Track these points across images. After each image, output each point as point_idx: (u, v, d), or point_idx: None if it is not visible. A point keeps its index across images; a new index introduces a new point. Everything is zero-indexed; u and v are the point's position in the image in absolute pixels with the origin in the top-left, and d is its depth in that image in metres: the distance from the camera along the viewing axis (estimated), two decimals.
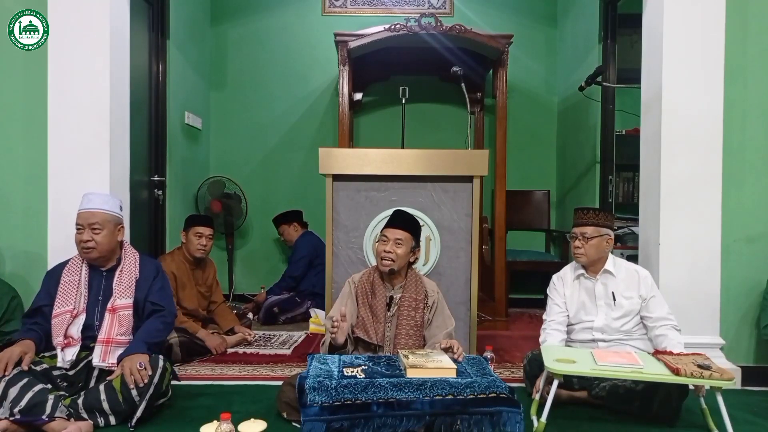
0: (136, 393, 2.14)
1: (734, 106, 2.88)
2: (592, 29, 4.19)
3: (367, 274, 2.52)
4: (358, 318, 2.45)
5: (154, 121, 3.86)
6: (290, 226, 4.49)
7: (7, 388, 2.03)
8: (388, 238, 2.43)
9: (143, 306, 2.41)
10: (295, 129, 4.95)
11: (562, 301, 2.58)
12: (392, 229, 2.44)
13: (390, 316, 2.44)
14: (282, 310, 4.09)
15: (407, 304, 2.43)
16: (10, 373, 2.08)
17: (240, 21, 4.92)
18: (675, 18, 2.83)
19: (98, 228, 2.36)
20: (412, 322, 2.43)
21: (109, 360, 2.27)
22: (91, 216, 2.37)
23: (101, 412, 2.13)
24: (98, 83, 2.80)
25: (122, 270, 2.42)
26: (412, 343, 2.40)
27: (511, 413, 1.97)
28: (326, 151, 2.86)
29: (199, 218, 3.61)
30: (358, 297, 2.48)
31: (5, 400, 2.02)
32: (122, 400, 2.14)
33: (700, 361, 2.13)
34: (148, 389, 2.16)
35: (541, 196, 4.82)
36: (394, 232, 2.43)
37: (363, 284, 2.49)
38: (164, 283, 2.53)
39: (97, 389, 2.16)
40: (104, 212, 2.40)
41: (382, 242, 2.45)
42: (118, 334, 2.32)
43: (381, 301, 2.44)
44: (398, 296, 2.46)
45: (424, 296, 2.47)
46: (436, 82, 4.80)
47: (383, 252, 2.42)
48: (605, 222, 2.52)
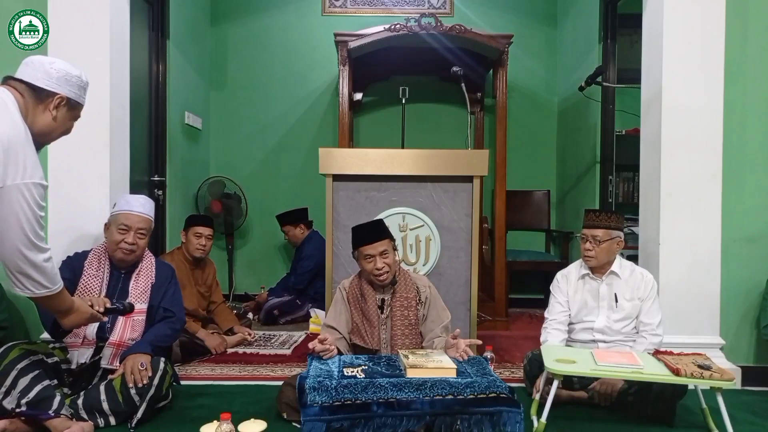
0: (135, 393, 2.14)
1: (734, 106, 2.88)
2: (592, 29, 4.19)
3: (356, 280, 2.48)
4: (352, 324, 2.43)
5: (154, 121, 3.86)
6: (296, 227, 4.40)
7: (17, 378, 2.00)
8: (373, 254, 2.33)
9: (156, 312, 2.44)
10: (295, 129, 4.95)
11: (564, 300, 2.58)
12: (371, 245, 2.33)
13: (384, 319, 2.41)
14: (282, 313, 4.08)
15: (399, 304, 2.41)
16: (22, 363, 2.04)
17: (240, 21, 4.92)
18: (675, 18, 2.83)
19: (143, 233, 2.41)
20: (407, 321, 2.40)
21: (116, 363, 2.28)
22: (141, 221, 2.41)
23: (101, 412, 2.12)
24: (98, 83, 2.79)
25: (139, 273, 2.44)
26: (409, 342, 2.39)
27: (511, 413, 1.97)
28: (326, 151, 2.86)
29: (198, 218, 3.60)
30: (350, 303, 2.45)
31: (14, 389, 1.98)
32: (122, 401, 2.14)
33: (700, 361, 2.13)
34: (148, 391, 2.15)
35: (541, 196, 4.82)
36: (375, 247, 2.33)
37: (353, 290, 2.45)
38: (176, 289, 2.56)
39: (98, 389, 2.16)
40: (150, 219, 2.47)
41: (367, 261, 2.34)
42: (129, 339, 2.33)
43: (372, 306, 2.41)
44: (389, 297, 2.42)
45: (416, 293, 2.44)
46: (436, 82, 4.80)
47: (375, 270, 2.33)
48: (616, 224, 2.51)
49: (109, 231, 2.42)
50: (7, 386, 1.99)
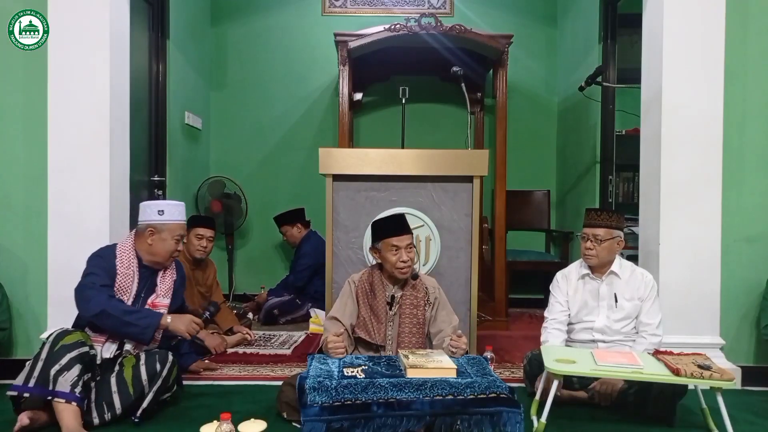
0: (146, 380, 2.21)
1: (734, 106, 2.88)
2: (592, 29, 4.19)
3: (366, 275, 2.51)
4: (359, 318, 2.45)
5: (154, 121, 3.86)
6: (293, 227, 4.43)
7: (63, 352, 2.06)
8: (399, 246, 2.39)
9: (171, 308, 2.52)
10: (295, 129, 4.95)
11: (564, 300, 2.58)
12: (400, 237, 2.40)
13: (392, 315, 2.43)
14: (282, 313, 4.08)
15: (409, 302, 2.44)
16: (75, 351, 2.09)
17: (240, 21, 4.92)
18: (675, 18, 2.83)
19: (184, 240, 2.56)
20: (415, 320, 2.43)
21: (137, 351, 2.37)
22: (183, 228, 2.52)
23: (110, 405, 2.17)
24: (98, 83, 2.80)
25: (166, 271, 2.51)
26: (415, 341, 2.41)
27: (511, 413, 1.97)
28: (326, 151, 2.86)
29: (200, 219, 3.60)
30: (358, 297, 2.47)
31: (67, 371, 2.04)
32: (132, 392, 2.19)
33: (700, 361, 2.13)
34: (158, 380, 2.23)
35: (541, 196, 4.82)
36: (402, 240, 2.39)
37: (363, 284, 2.48)
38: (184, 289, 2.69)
39: (108, 381, 2.20)
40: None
41: (392, 253, 2.39)
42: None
43: (381, 301, 2.44)
44: (399, 295, 2.46)
45: (425, 293, 2.47)
46: (436, 82, 4.80)
47: (400, 262, 2.38)
48: (617, 224, 2.51)
49: (160, 238, 2.42)
50: (62, 366, 2.05)
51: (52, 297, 2.79)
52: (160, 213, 2.44)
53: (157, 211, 2.44)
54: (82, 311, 2.28)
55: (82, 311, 2.29)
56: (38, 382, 2.06)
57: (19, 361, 2.78)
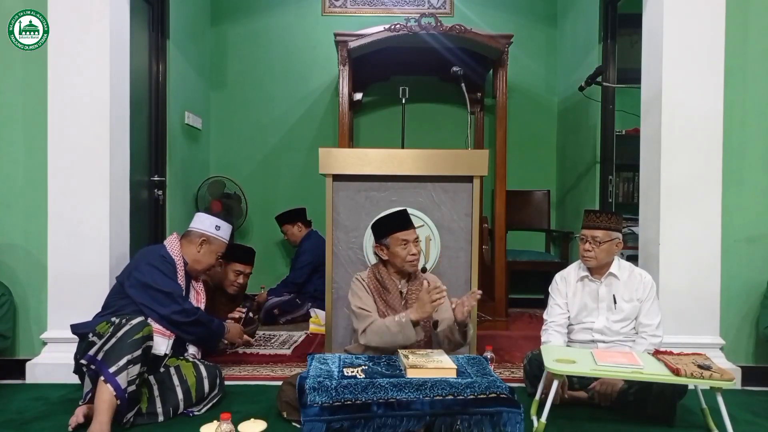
0: (207, 386, 2.35)
1: (734, 107, 2.88)
2: (592, 29, 4.19)
3: (373, 272, 2.54)
4: (378, 312, 2.47)
5: (154, 121, 3.86)
6: (294, 226, 4.47)
7: (138, 344, 2.13)
8: (408, 240, 2.45)
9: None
10: (295, 129, 4.94)
11: (563, 302, 2.58)
12: (407, 231, 2.48)
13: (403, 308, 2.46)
14: (282, 312, 4.09)
15: (416, 296, 2.46)
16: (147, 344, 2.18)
17: (240, 21, 4.92)
18: (675, 18, 2.83)
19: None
20: None
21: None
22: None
23: (176, 408, 2.26)
24: (98, 83, 2.79)
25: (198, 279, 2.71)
26: (424, 333, 2.44)
27: (511, 413, 1.97)
28: (326, 151, 2.86)
29: (242, 254, 3.35)
30: (372, 292, 2.50)
31: (127, 354, 2.09)
32: (194, 395, 2.31)
33: (700, 361, 2.13)
34: (216, 385, 2.40)
35: (541, 196, 4.82)
36: (410, 233, 2.47)
37: (372, 281, 2.52)
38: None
39: (171, 381, 2.30)
40: None
41: (402, 247, 2.45)
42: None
43: (395, 295, 2.49)
44: (406, 290, 2.51)
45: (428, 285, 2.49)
46: (436, 82, 4.80)
47: (410, 255, 2.45)
48: (616, 225, 2.51)
49: (209, 250, 2.65)
50: (129, 359, 2.09)
51: (52, 297, 2.79)
52: (217, 228, 2.65)
53: (215, 225, 2.67)
54: (176, 316, 2.39)
55: (174, 315, 2.39)
56: (104, 359, 2.09)
57: (19, 361, 2.81)
